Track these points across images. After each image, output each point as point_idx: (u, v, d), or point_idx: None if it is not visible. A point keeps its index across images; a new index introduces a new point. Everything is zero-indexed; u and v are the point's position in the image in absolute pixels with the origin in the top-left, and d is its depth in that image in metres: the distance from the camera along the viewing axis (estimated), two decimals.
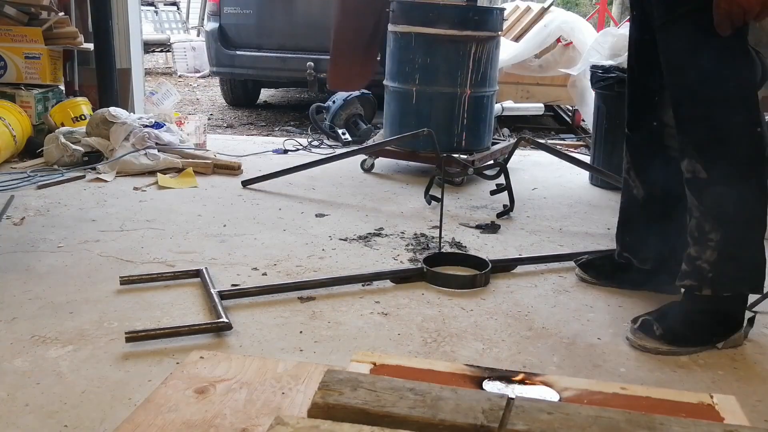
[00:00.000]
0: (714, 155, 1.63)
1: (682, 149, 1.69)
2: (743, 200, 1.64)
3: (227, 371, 1.06)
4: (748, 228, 1.66)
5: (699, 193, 1.66)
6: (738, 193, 1.63)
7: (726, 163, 1.63)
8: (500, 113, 4.14)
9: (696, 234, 1.68)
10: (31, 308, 1.77)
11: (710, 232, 1.65)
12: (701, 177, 1.64)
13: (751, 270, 1.67)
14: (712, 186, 1.64)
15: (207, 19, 5.68)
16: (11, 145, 3.26)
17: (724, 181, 1.63)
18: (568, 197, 3.12)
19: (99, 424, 1.28)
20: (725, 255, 1.65)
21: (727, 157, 1.63)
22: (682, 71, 1.65)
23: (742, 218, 1.65)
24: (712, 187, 1.64)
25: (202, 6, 9.58)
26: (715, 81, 1.61)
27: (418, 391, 0.78)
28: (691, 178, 1.67)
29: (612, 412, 0.75)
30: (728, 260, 1.65)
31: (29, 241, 2.27)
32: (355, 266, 2.15)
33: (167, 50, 9.34)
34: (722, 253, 1.65)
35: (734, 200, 1.63)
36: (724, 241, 1.64)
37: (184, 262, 2.12)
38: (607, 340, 1.72)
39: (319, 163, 3.13)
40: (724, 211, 1.64)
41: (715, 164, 1.63)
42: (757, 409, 1.44)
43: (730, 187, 1.63)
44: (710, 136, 1.63)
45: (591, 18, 7.08)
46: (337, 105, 4.24)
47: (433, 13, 3.14)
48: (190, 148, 3.47)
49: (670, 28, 1.65)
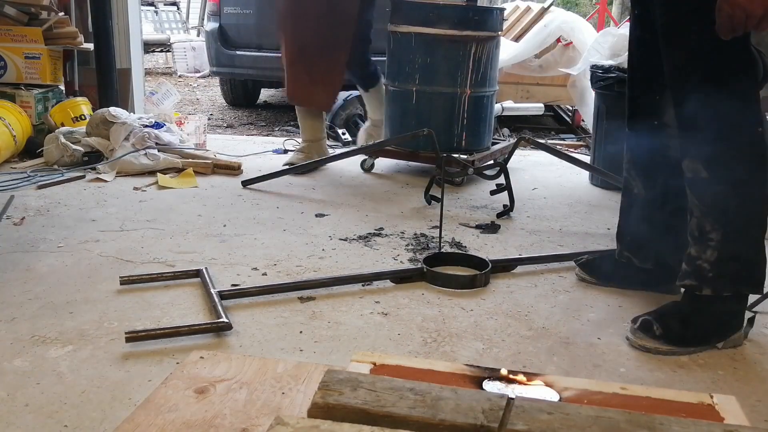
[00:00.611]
0: (715, 155, 1.63)
1: (683, 149, 1.69)
2: (744, 200, 1.63)
3: (227, 371, 1.06)
4: (748, 228, 1.66)
5: (700, 192, 1.66)
6: (739, 193, 1.63)
7: (727, 163, 1.62)
8: (500, 113, 4.14)
9: (696, 233, 1.68)
10: (31, 308, 1.77)
11: (711, 231, 1.65)
12: (702, 177, 1.64)
13: (752, 270, 1.67)
14: (712, 186, 1.63)
15: (207, 19, 5.68)
16: (11, 145, 3.26)
17: (725, 181, 1.62)
18: (568, 197, 3.12)
19: (99, 424, 1.28)
20: (726, 255, 1.65)
21: (729, 157, 1.62)
22: (685, 71, 1.65)
23: (743, 218, 1.65)
24: (713, 186, 1.63)
25: (202, 6, 9.58)
26: (719, 81, 1.60)
27: (418, 391, 0.78)
28: (692, 178, 1.67)
29: (612, 412, 0.75)
30: (728, 260, 1.65)
31: (29, 241, 2.27)
32: (355, 266, 2.15)
33: (167, 50, 9.34)
34: (722, 252, 1.64)
35: (735, 200, 1.63)
36: (725, 240, 1.64)
37: (184, 262, 2.12)
38: (607, 340, 1.72)
39: (319, 163, 3.13)
40: (725, 211, 1.64)
41: (717, 164, 1.63)
42: (757, 409, 1.44)
43: (731, 187, 1.63)
44: (712, 135, 1.63)
45: (591, 18, 7.08)
46: (337, 105, 4.24)
47: (433, 13, 3.14)
48: (190, 148, 3.47)
49: (674, 27, 1.65)
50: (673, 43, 1.66)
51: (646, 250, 1.96)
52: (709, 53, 1.59)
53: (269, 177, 3.07)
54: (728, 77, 1.61)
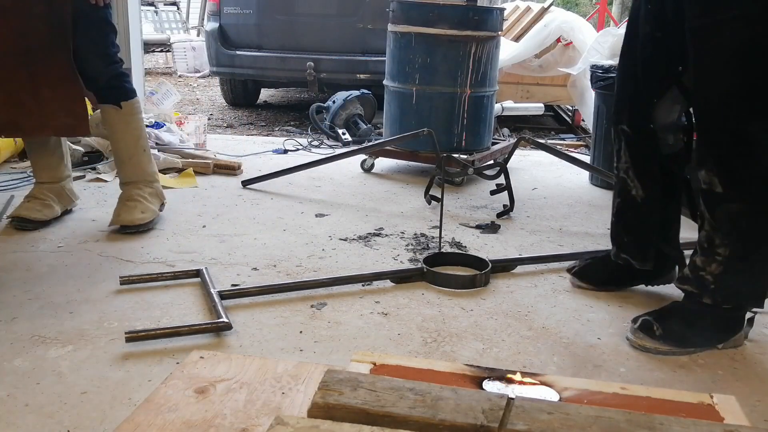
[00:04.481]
0: (733, 171, 1.59)
1: (699, 159, 1.64)
2: (757, 219, 1.60)
3: (227, 371, 1.06)
4: (758, 247, 1.62)
5: (712, 206, 1.63)
6: (753, 211, 1.60)
7: (745, 180, 1.59)
8: (500, 113, 4.14)
9: (705, 245, 1.66)
10: (31, 308, 1.77)
11: (719, 246, 1.62)
12: (717, 191, 1.60)
13: (755, 286, 1.65)
14: (726, 202, 1.60)
15: (207, 19, 5.67)
16: (11, 145, 3.26)
17: (740, 198, 1.59)
18: (568, 197, 3.12)
19: (99, 424, 1.28)
20: (731, 270, 1.62)
21: (747, 174, 1.58)
22: (715, 81, 1.59)
23: (754, 237, 1.61)
24: (727, 203, 1.60)
25: (202, 6, 9.58)
26: (747, 95, 1.55)
27: (418, 391, 0.78)
28: (706, 190, 1.63)
29: (612, 412, 0.75)
30: (733, 275, 1.63)
31: (29, 241, 2.27)
32: (355, 266, 2.15)
33: (167, 50, 9.34)
34: (728, 268, 1.62)
35: (748, 218, 1.60)
36: (732, 256, 1.61)
37: (184, 262, 2.12)
38: (607, 340, 1.72)
39: (319, 163, 3.13)
40: (736, 228, 1.61)
41: (733, 180, 1.59)
42: (757, 409, 1.44)
43: (746, 205, 1.59)
44: (733, 151, 1.58)
45: (591, 18, 7.09)
46: (337, 105, 4.25)
47: (433, 13, 3.14)
48: (190, 148, 3.47)
49: (707, 34, 1.57)
50: (705, 51, 1.58)
51: (646, 251, 1.93)
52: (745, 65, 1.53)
53: (269, 177, 3.07)
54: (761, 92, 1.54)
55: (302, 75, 4.96)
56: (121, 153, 2.46)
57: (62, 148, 2.53)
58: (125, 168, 2.46)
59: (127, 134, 2.44)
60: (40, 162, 2.49)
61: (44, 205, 2.42)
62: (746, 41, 1.52)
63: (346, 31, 4.93)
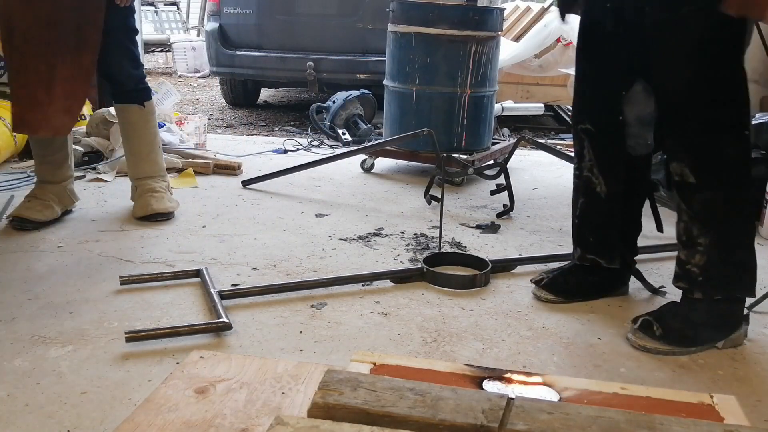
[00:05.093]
0: (703, 159, 1.62)
1: (671, 150, 1.67)
2: (732, 204, 1.62)
3: (227, 371, 1.06)
4: (737, 231, 1.65)
5: (687, 197, 1.65)
6: (727, 197, 1.62)
7: (715, 167, 1.61)
8: (500, 113, 4.14)
9: (684, 238, 1.67)
10: (31, 308, 1.77)
11: (699, 236, 1.64)
12: (689, 181, 1.63)
13: (742, 273, 1.66)
14: (700, 191, 1.62)
15: (207, 19, 5.67)
16: (11, 145, 3.26)
17: (713, 186, 1.61)
18: (568, 197, 3.09)
19: (99, 424, 1.28)
20: (714, 259, 1.64)
21: (717, 161, 1.61)
22: (679, 73, 1.63)
23: (731, 222, 1.64)
24: (700, 191, 1.62)
25: (202, 6, 9.58)
26: (712, 85, 1.59)
27: (418, 391, 0.78)
28: (679, 182, 1.65)
29: (612, 412, 0.75)
30: (718, 264, 1.64)
31: (29, 241, 2.27)
32: (355, 266, 2.15)
33: (167, 50, 9.33)
34: (711, 257, 1.64)
35: (723, 204, 1.62)
36: (713, 245, 1.63)
37: (184, 262, 2.12)
38: (607, 340, 1.72)
39: (319, 163, 3.13)
40: (713, 216, 1.63)
41: (705, 168, 1.61)
42: (757, 409, 1.44)
43: (719, 192, 1.62)
44: (701, 139, 1.61)
45: None
46: (337, 105, 4.25)
47: (433, 13, 3.14)
48: (190, 148, 3.47)
49: (669, 28, 1.62)
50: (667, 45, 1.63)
51: (612, 248, 1.91)
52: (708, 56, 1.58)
53: (269, 177, 3.07)
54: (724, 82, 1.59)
55: (302, 75, 4.96)
56: (140, 149, 2.55)
57: (67, 148, 2.49)
58: (143, 164, 2.56)
59: (148, 131, 2.54)
60: (44, 160, 2.46)
61: (44, 206, 2.40)
62: (708, 32, 1.55)
63: (346, 31, 4.93)
